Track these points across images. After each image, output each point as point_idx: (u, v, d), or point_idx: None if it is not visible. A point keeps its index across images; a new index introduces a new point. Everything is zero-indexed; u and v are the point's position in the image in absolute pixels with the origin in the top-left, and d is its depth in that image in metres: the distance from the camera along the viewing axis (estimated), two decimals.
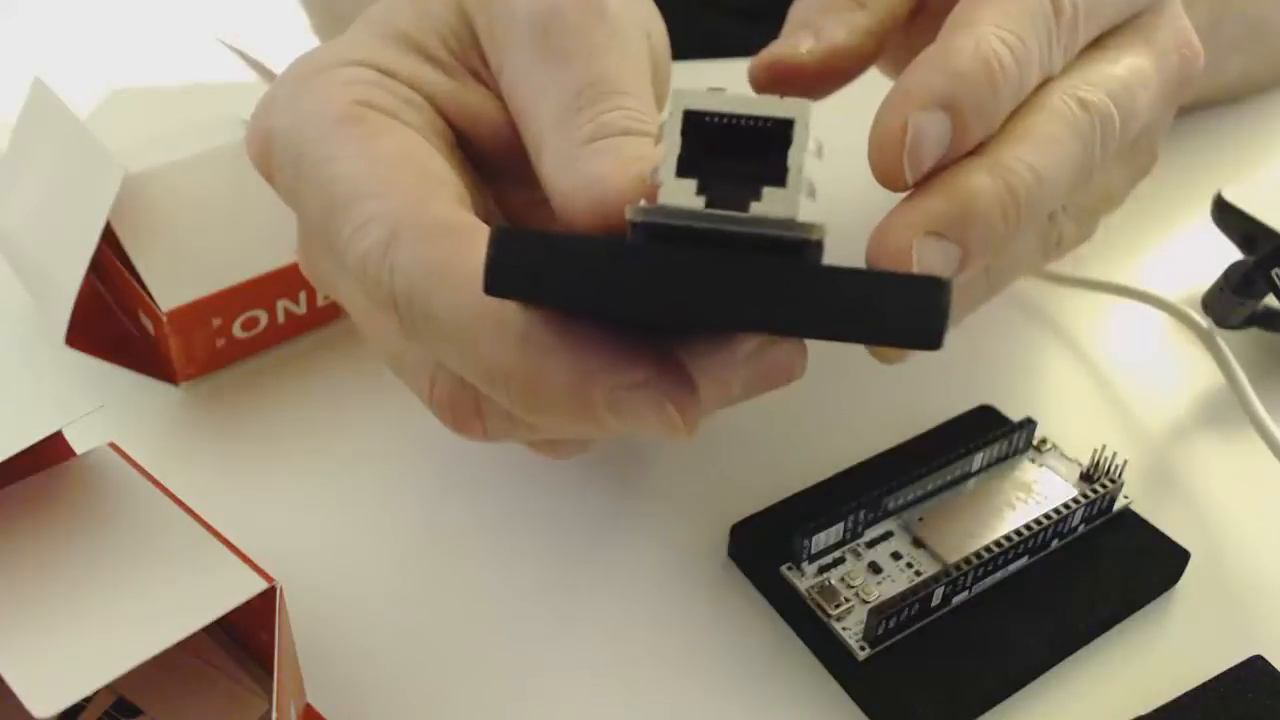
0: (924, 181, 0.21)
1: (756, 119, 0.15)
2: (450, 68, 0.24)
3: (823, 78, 0.26)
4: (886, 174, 0.21)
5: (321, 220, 0.21)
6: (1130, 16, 0.25)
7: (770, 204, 0.15)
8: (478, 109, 0.24)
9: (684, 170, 0.15)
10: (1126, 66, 0.24)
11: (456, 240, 0.19)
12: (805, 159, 0.15)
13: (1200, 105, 0.43)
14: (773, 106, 0.15)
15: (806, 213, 0.16)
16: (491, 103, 0.24)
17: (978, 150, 0.22)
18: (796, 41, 0.26)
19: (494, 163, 0.24)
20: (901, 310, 0.15)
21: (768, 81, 0.26)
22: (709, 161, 0.15)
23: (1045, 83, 0.23)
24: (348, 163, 0.21)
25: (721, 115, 0.15)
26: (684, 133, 0.16)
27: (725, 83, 0.24)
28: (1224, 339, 0.31)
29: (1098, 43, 0.24)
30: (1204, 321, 0.32)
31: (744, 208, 0.15)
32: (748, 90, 0.25)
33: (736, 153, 0.15)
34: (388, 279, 0.19)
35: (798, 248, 0.16)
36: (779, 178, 0.15)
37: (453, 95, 0.24)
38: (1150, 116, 0.25)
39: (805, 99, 0.16)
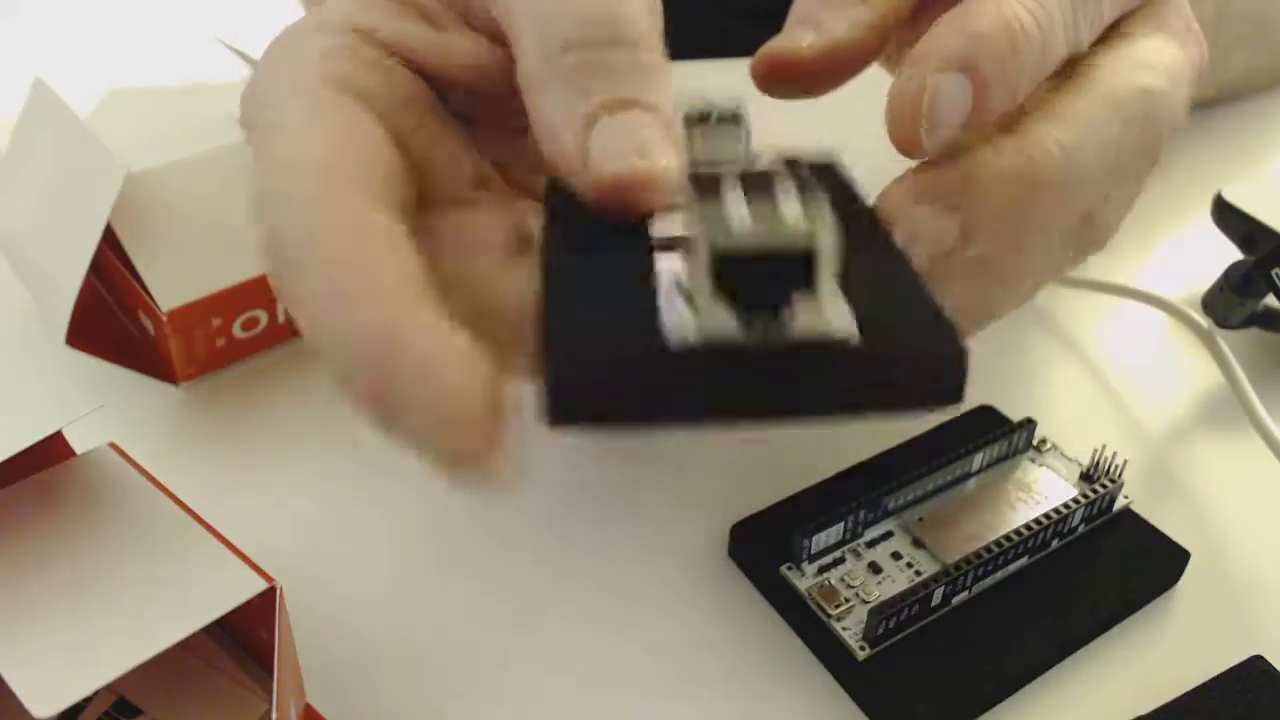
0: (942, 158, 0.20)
1: (782, 251, 0.16)
2: (437, 15, 0.24)
3: (823, 73, 0.26)
4: (903, 139, 0.20)
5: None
6: (1141, 3, 0.25)
7: (803, 314, 0.16)
8: (466, 58, 0.23)
9: (717, 293, 0.16)
10: (1165, 54, 0.23)
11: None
12: (830, 275, 0.16)
13: (1202, 104, 0.43)
14: (796, 236, 0.15)
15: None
16: (481, 49, 0.23)
17: (1009, 127, 0.21)
18: (797, 36, 0.26)
19: (483, 111, 0.24)
20: (928, 384, 0.16)
21: (768, 77, 0.26)
22: (739, 278, 0.16)
23: (1082, 62, 0.22)
24: (294, 147, 0.21)
25: (749, 252, 0.16)
26: (714, 268, 0.16)
27: (730, 82, 0.24)
28: (1224, 339, 0.31)
29: (1119, 29, 0.24)
30: (1204, 321, 0.32)
31: (776, 317, 0.16)
32: (749, 88, 0.25)
33: (766, 270, 0.16)
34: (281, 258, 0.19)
35: (829, 347, 0.16)
36: (808, 285, 0.16)
37: (438, 47, 0.23)
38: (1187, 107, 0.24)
39: (829, 219, 0.16)
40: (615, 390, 0.16)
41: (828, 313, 0.16)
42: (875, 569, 0.26)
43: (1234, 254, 0.33)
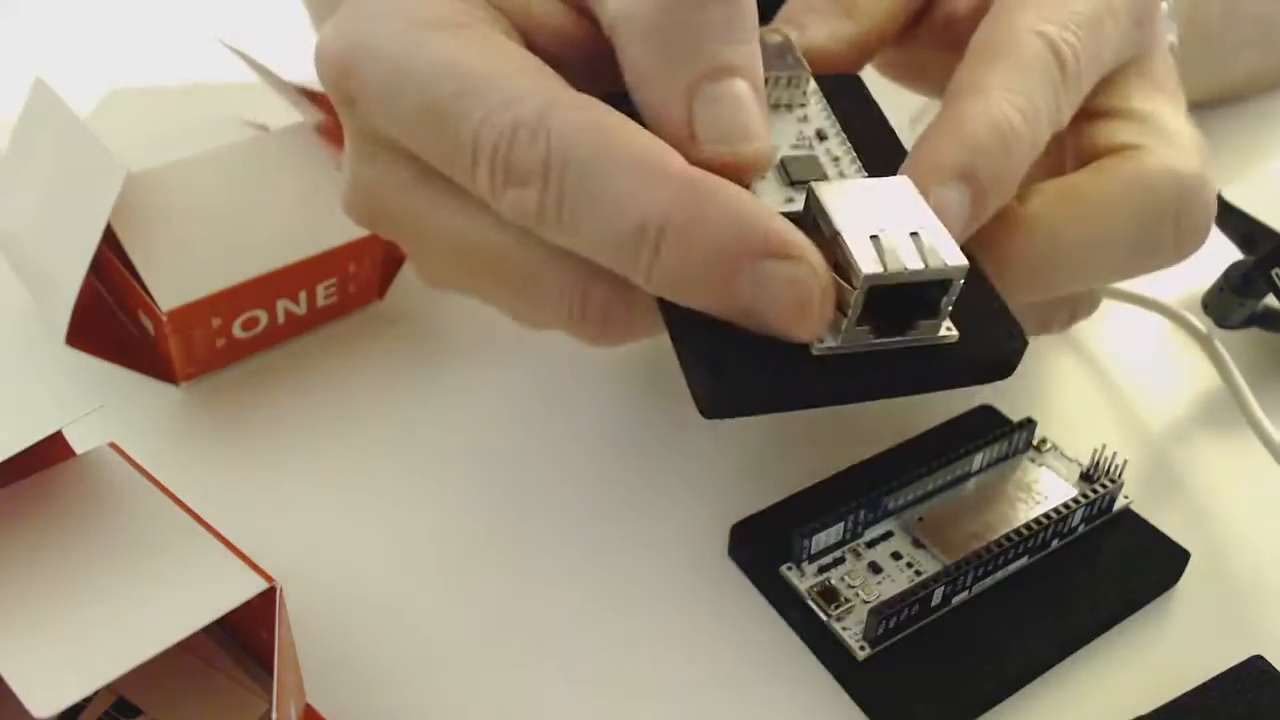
0: None
1: (924, 283, 0.19)
2: None
3: None
4: None
5: (433, 115, 0.20)
6: (1127, 62, 0.25)
7: (923, 331, 0.20)
8: (551, 20, 0.23)
9: (861, 321, 0.19)
10: (1160, 112, 0.24)
11: (606, 109, 0.20)
12: (953, 301, 0.20)
13: (1206, 104, 0.43)
14: (935, 272, 0.19)
15: None
16: (566, 16, 0.23)
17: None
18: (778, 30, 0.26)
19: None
20: (997, 367, 0.21)
21: None
22: (878, 305, 0.19)
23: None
24: (469, 56, 0.20)
25: (897, 283, 0.19)
26: (866, 301, 0.19)
27: None
28: (1223, 340, 0.31)
29: (1114, 91, 0.24)
30: (1202, 325, 0.32)
31: (902, 334, 0.20)
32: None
33: (900, 295, 0.19)
34: (542, 145, 0.19)
35: (936, 347, 0.20)
36: (933, 313, 0.20)
37: (522, 9, 0.23)
38: None
39: (963, 258, 0.19)
40: (765, 387, 0.20)
41: (942, 327, 0.20)
42: (875, 569, 0.26)
43: (1234, 254, 0.33)
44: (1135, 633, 0.26)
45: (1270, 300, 0.32)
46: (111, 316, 0.33)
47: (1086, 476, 0.28)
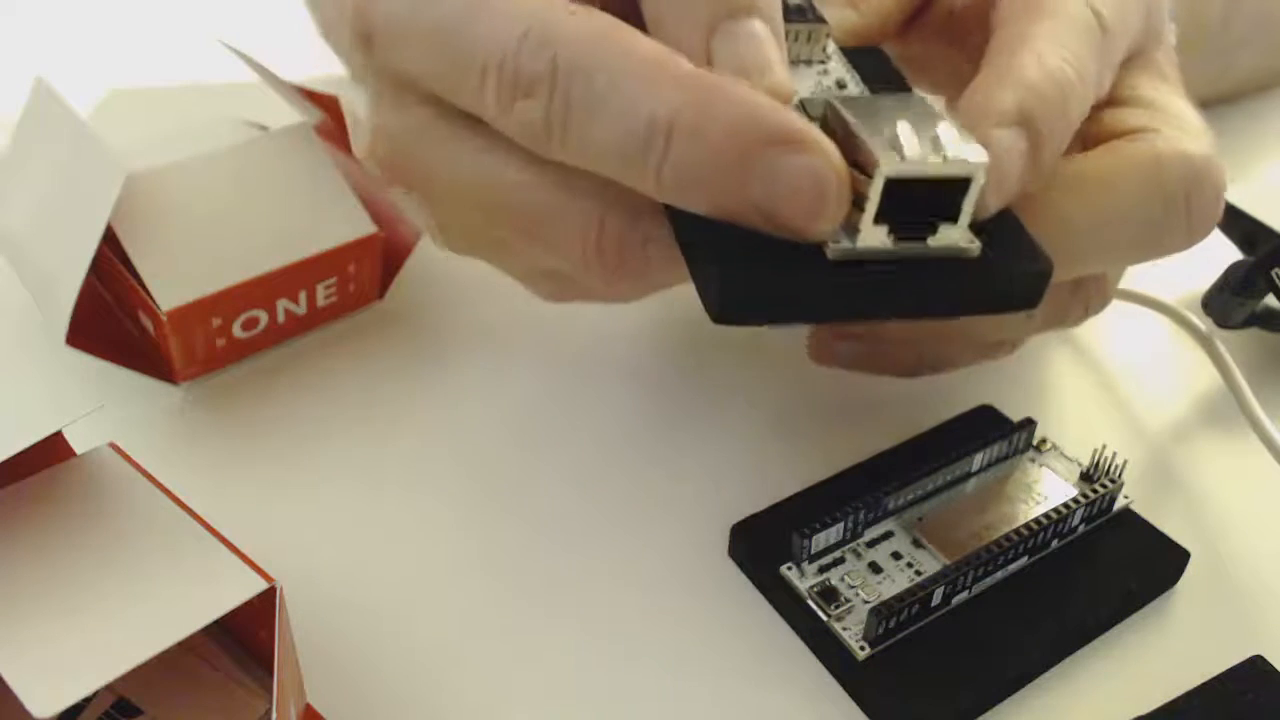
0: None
1: (943, 179, 0.18)
2: None
3: None
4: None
5: (443, 35, 0.21)
6: (1135, 53, 0.25)
7: (944, 236, 0.19)
8: None
9: (878, 219, 0.19)
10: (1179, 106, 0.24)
11: (614, 20, 0.20)
12: (973, 203, 0.19)
13: (1207, 104, 0.43)
14: (956, 166, 0.18)
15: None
16: None
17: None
18: None
19: None
20: (1023, 292, 0.20)
21: None
22: (897, 205, 0.18)
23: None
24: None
25: (915, 178, 0.18)
26: (883, 193, 0.18)
27: None
28: (1223, 340, 0.31)
29: (1116, 78, 0.24)
30: (1202, 325, 0.32)
31: (923, 240, 0.19)
32: None
33: (919, 195, 0.18)
34: (549, 53, 0.19)
35: (962, 260, 0.20)
36: (954, 216, 0.19)
37: None
38: None
39: (984, 152, 0.18)
40: (778, 288, 0.19)
41: (961, 233, 0.19)
42: (875, 569, 0.26)
43: (1234, 254, 0.33)
44: (1135, 633, 0.26)
45: (1270, 300, 0.32)
46: (111, 316, 0.33)
47: (1086, 476, 0.28)
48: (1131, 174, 0.23)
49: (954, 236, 0.19)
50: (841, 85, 0.23)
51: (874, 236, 0.19)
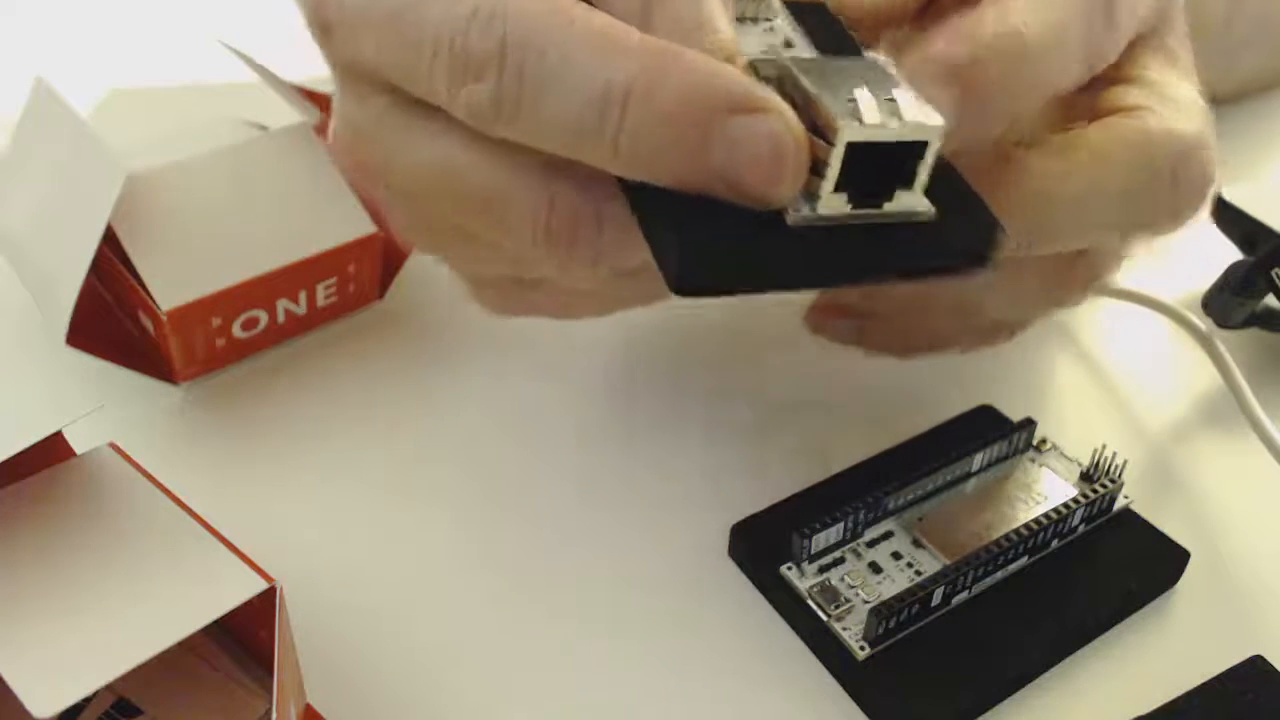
0: None
1: (900, 143, 0.19)
2: None
3: None
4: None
5: (396, 19, 0.21)
6: (1146, 34, 0.25)
7: (900, 201, 0.19)
8: None
9: (837, 186, 0.19)
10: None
11: None
12: (929, 167, 0.19)
13: (1211, 104, 0.43)
14: (914, 130, 0.19)
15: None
16: None
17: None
18: None
19: None
20: (975, 252, 0.20)
21: None
22: (855, 170, 0.19)
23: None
24: None
25: (874, 142, 0.18)
26: (845, 160, 0.19)
27: None
28: (1223, 340, 0.31)
29: (1123, 58, 0.24)
30: (1202, 325, 0.32)
31: (879, 207, 0.19)
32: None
33: (876, 161, 0.19)
34: (499, 29, 0.19)
35: (917, 224, 0.20)
36: (909, 181, 0.19)
37: None
38: None
39: (939, 116, 0.19)
40: (738, 257, 0.19)
41: (916, 197, 0.19)
42: (875, 569, 0.26)
43: (1234, 254, 0.33)
44: (1135, 633, 0.26)
45: (1270, 300, 0.32)
46: (111, 316, 0.33)
47: (1086, 476, 0.28)
48: (1119, 147, 0.23)
49: (909, 201, 0.19)
50: (789, 44, 0.23)
51: (834, 203, 0.19)
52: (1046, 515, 0.26)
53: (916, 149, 0.19)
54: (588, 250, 0.22)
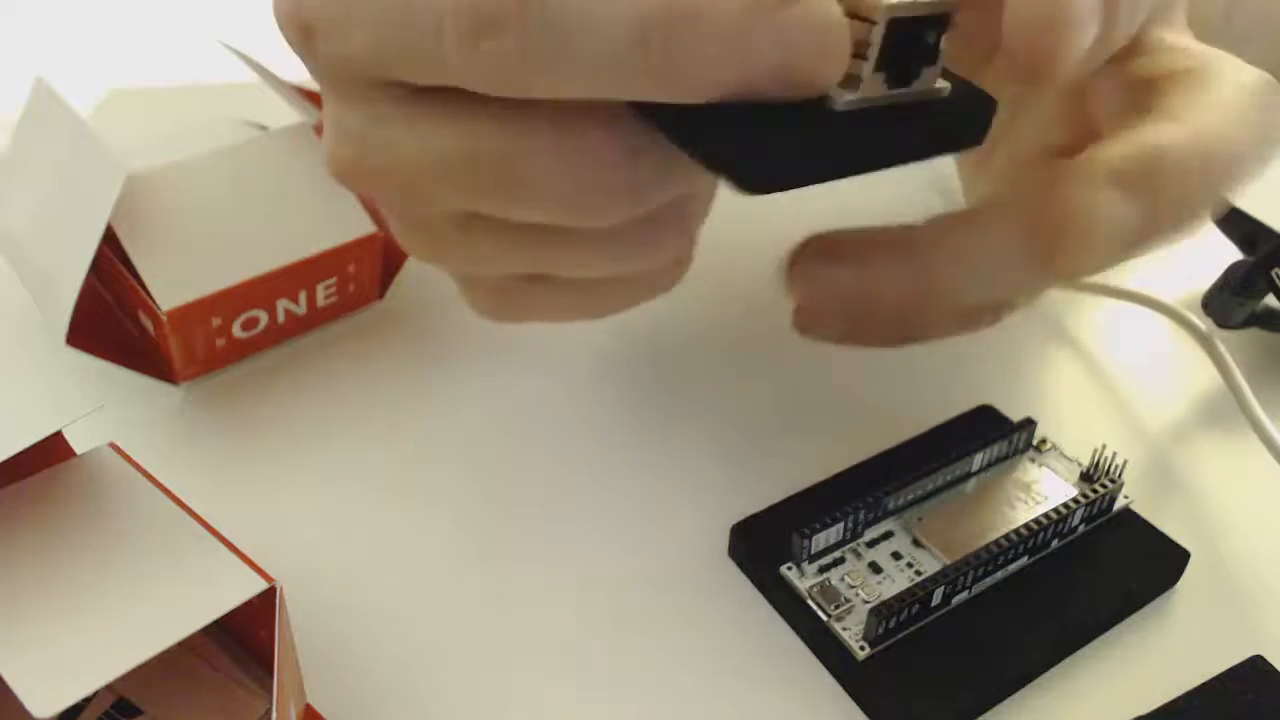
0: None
1: (929, 17, 0.20)
2: None
3: None
4: (1033, 57, 0.20)
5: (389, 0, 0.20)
6: (1161, 8, 0.25)
7: (925, 79, 0.20)
8: None
9: (879, 66, 0.20)
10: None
11: None
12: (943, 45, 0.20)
13: None
14: (948, 2, 0.20)
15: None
16: None
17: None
18: None
19: None
20: (976, 126, 0.21)
21: None
22: (890, 50, 0.20)
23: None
24: None
25: (909, 17, 0.19)
26: (885, 37, 0.19)
27: None
28: (1223, 339, 0.31)
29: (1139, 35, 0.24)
30: (1202, 324, 0.32)
31: (909, 85, 0.20)
32: None
33: (906, 38, 0.20)
34: None
35: (937, 101, 0.21)
36: (933, 57, 0.20)
37: None
38: None
39: None
40: (803, 146, 0.19)
41: (936, 74, 0.20)
42: (875, 569, 0.26)
43: (1234, 254, 0.33)
44: (1135, 633, 0.26)
45: (1270, 300, 0.32)
46: (111, 316, 0.33)
47: (1086, 476, 0.28)
48: (1223, 86, 0.23)
49: (932, 78, 0.20)
50: None
51: (874, 85, 0.20)
52: (1046, 515, 0.26)
53: (940, 23, 0.20)
54: (625, 193, 0.21)
